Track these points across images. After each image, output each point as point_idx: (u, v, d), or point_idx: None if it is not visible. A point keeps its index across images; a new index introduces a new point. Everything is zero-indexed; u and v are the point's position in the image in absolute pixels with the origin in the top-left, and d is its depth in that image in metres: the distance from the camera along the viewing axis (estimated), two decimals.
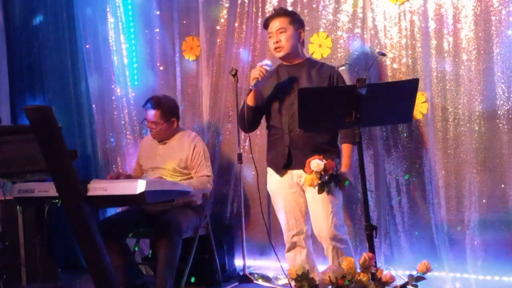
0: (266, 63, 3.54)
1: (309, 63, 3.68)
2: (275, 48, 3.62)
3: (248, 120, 3.59)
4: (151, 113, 4.25)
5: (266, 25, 3.69)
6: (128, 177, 4.24)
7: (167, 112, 4.24)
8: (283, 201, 3.67)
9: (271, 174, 3.71)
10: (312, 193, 3.50)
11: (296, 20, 3.65)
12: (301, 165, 3.42)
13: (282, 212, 3.68)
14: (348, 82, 3.88)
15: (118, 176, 4.17)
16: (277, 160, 3.63)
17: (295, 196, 3.64)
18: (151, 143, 4.41)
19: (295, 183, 3.62)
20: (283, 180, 3.64)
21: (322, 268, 3.32)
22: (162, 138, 4.33)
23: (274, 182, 3.69)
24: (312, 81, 3.57)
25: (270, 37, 3.67)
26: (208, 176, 4.25)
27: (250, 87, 3.52)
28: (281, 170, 3.62)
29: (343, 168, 3.52)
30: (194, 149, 4.25)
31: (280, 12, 3.68)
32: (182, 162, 4.25)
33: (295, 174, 3.60)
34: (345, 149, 3.59)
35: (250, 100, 3.57)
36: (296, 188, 3.63)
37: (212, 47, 4.87)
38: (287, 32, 3.59)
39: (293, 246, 3.67)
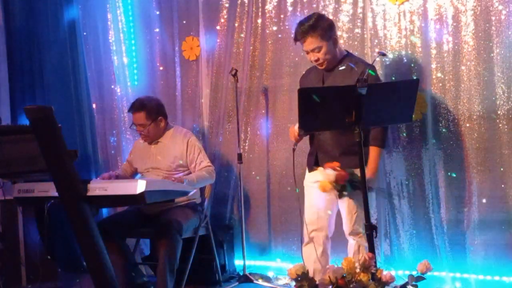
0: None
1: (344, 60, 3.56)
2: (317, 64, 3.55)
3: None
4: (137, 116, 4.27)
5: (296, 40, 3.56)
6: (117, 177, 4.26)
7: (152, 112, 4.25)
8: (309, 196, 3.68)
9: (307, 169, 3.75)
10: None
11: (325, 31, 3.46)
12: None
13: (307, 206, 3.69)
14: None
15: (109, 178, 4.17)
16: (309, 159, 3.70)
17: (322, 193, 3.57)
18: (144, 144, 4.41)
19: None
20: (313, 176, 3.65)
21: None
22: (152, 138, 4.33)
23: (307, 177, 3.73)
24: (341, 80, 3.47)
25: (306, 52, 3.56)
26: (210, 166, 4.29)
27: (294, 147, 3.53)
28: (312, 168, 3.67)
29: (368, 174, 3.25)
30: (187, 144, 4.27)
31: (308, 31, 3.45)
32: (177, 159, 4.26)
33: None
34: (372, 152, 3.46)
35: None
36: None
37: (212, 47, 4.87)
38: (323, 49, 3.47)
39: (310, 241, 3.66)
